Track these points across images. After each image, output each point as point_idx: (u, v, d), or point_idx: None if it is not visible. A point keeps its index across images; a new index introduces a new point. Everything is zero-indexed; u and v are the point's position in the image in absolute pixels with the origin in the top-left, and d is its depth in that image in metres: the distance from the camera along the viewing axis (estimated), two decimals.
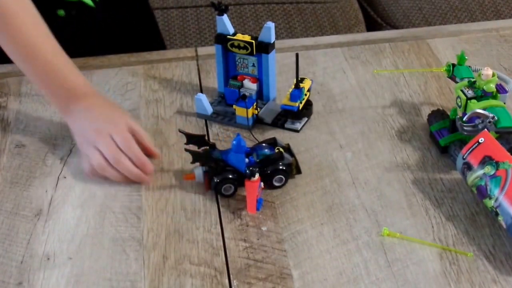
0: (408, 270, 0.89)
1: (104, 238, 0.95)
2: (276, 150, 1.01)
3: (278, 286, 0.88)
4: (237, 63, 1.16)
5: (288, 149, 1.05)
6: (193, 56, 1.33)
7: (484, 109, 0.99)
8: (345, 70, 1.28)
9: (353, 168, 1.05)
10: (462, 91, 1.03)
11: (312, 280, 0.88)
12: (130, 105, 1.20)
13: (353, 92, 1.22)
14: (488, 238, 0.93)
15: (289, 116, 1.13)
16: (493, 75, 1.02)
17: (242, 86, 1.15)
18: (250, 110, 1.11)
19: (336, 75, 1.27)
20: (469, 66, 1.10)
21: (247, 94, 1.12)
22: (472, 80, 1.05)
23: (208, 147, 1.00)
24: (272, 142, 1.04)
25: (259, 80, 1.15)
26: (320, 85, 1.24)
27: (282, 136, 1.11)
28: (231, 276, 0.89)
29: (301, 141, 1.11)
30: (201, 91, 1.22)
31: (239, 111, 1.12)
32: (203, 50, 1.34)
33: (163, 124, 1.15)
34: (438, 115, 1.10)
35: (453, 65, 1.10)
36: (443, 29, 1.40)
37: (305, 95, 1.13)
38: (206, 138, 1.03)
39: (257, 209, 0.97)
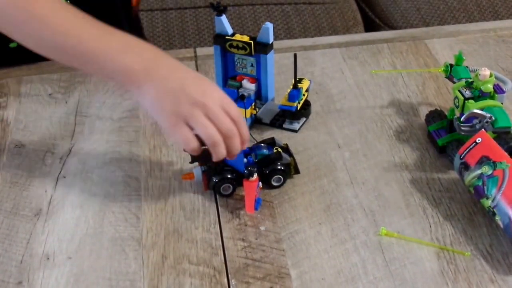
0: (405, 270, 0.89)
1: (103, 238, 0.95)
2: (275, 150, 1.01)
3: (276, 286, 0.88)
4: (236, 63, 1.16)
5: (286, 149, 1.06)
6: (192, 56, 1.33)
7: (481, 109, 1.00)
8: (343, 71, 1.28)
9: (351, 168, 1.06)
10: (459, 91, 1.04)
11: (310, 280, 0.89)
12: (130, 105, 1.20)
13: (351, 92, 1.22)
14: (485, 238, 0.93)
15: (287, 116, 1.14)
16: (491, 75, 1.02)
17: (241, 86, 1.16)
18: (249, 110, 1.12)
19: (334, 75, 1.27)
20: (467, 67, 1.10)
21: (245, 94, 1.13)
22: (470, 80, 1.05)
23: (206, 147, 1.01)
24: (271, 142, 1.05)
25: (257, 80, 1.16)
26: (319, 85, 1.24)
27: (280, 136, 1.12)
28: (229, 275, 0.89)
29: (299, 141, 1.11)
30: None
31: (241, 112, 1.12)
32: (202, 51, 1.34)
33: None
34: (436, 115, 1.10)
35: (451, 65, 1.11)
36: (441, 29, 1.40)
37: (303, 95, 1.13)
38: None
39: (256, 208, 0.97)
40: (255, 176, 0.95)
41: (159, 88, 0.90)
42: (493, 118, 0.98)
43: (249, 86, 1.16)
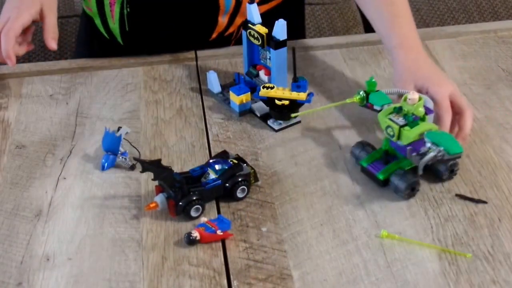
0: (407, 271, 0.89)
1: (103, 239, 0.95)
2: (233, 162, 0.99)
3: (278, 287, 0.88)
4: (260, 53, 1.17)
5: (240, 158, 1.02)
6: (192, 57, 1.33)
7: (421, 135, 0.96)
8: (344, 71, 1.28)
9: (352, 169, 1.05)
10: (391, 119, 0.99)
11: (312, 281, 0.88)
12: (130, 106, 1.20)
13: (352, 93, 1.21)
14: (486, 239, 0.93)
15: (273, 115, 1.13)
16: (419, 98, 0.98)
17: (257, 75, 1.18)
18: (239, 98, 1.14)
19: (335, 76, 1.27)
20: (378, 90, 1.05)
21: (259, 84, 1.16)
22: (398, 106, 1.00)
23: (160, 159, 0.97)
24: (224, 155, 1.02)
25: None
26: (319, 86, 1.24)
27: (281, 137, 1.12)
28: (231, 276, 0.89)
29: (300, 142, 1.11)
30: (200, 93, 1.23)
31: (233, 96, 1.15)
32: (202, 52, 1.34)
33: (162, 125, 1.16)
34: (362, 147, 1.05)
35: (366, 92, 1.06)
36: (441, 30, 1.40)
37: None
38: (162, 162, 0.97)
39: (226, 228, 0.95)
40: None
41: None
42: (443, 148, 0.95)
43: (263, 77, 1.18)
